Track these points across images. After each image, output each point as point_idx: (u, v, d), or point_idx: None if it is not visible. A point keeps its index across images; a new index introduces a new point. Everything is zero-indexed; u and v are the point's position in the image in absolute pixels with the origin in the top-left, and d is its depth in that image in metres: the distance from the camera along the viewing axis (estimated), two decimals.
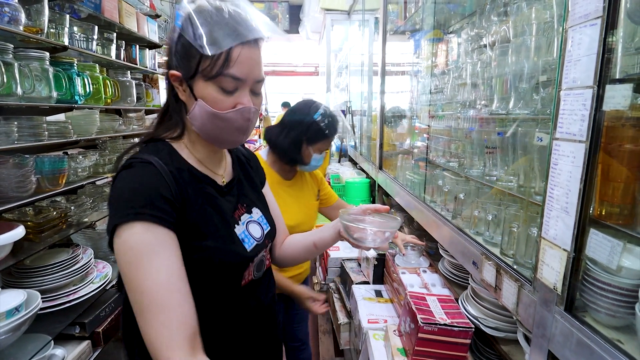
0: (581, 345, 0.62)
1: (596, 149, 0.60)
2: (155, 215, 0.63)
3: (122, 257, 0.62)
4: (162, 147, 0.73)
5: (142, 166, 0.67)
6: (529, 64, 0.98)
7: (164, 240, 0.63)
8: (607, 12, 0.58)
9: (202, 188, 0.74)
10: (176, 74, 0.70)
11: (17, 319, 1.02)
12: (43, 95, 1.34)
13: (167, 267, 0.62)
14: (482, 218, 1.10)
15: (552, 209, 0.69)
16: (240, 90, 0.69)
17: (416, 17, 1.92)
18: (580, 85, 0.62)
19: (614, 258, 0.57)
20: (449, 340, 1.02)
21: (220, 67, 0.65)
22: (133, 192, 0.64)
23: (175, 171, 0.70)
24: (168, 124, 0.76)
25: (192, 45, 0.65)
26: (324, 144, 1.37)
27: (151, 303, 0.60)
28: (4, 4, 1.11)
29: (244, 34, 0.65)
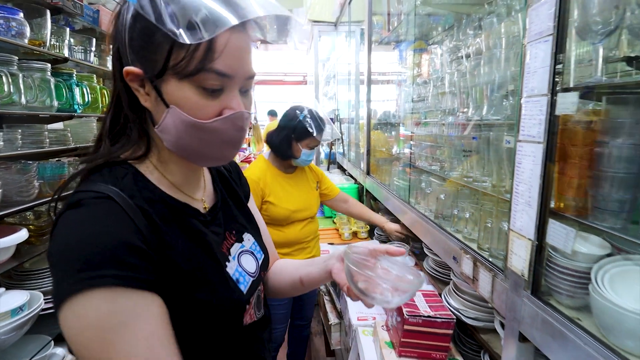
0: (546, 324, 0.69)
1: (552, 149, 0.69)
2: (121, 275, 0.44)
3: (75, 336, 0.43)
4: (124, 173, 0.53)
5: (96, 204, 0.47)
6: (499, 74, 1.08)
7: (135, 306, 0.45)
8: (557, 30, 0.67)
9: (183, 222, 0.56)
10: (135, 71, 0.50)
11: (21, 317, 1.05)
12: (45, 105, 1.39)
13: (145, 337, 0.45)
14: (462, 217, 1.18)
15: (518, 203, 0.77)
16: (228, 91, 0.51)
17: (399, 29, 2.02)
18: (538, 94, 0.70)
19: (569, 243, 0.65)
20: (432, 332, 1.09)
21: (202, 60, 0.47)
22: (86, 246, 0.44)
23: (146, 205, 0.51)
24: (125, 140, 0.56)
25: (157, 30, 0.46)
26: (311, 141, 1.60)
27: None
28: (11, 19, 1.16)
29: (235, 14, 0.46)
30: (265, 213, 1.61)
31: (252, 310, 0.67)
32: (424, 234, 1.37)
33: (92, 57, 1.78)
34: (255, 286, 0.67)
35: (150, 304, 0.47)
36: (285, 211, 1.62)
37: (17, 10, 1.23)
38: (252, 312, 0.66)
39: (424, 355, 1.10)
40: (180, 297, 0.52)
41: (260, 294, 0.71)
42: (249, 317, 0.65)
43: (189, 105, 0.50)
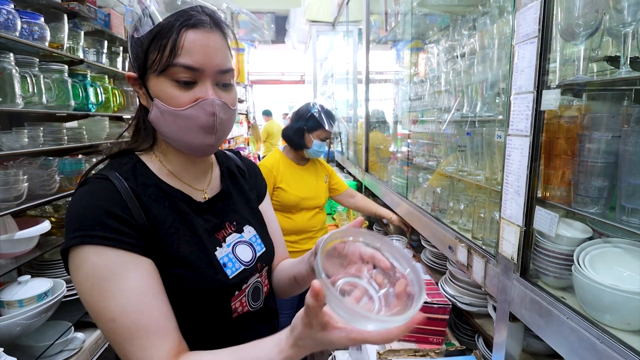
0: (533, 303, 0.75)
1: (538, 142, 0.75)
2: (106, 237, 0.54)
3: (80, 285, 0.55)
4: (127, 161, 0.64)
5: (96, 182, 0.59)
6: (492, 73, 1.14)
7: (124, 262, 0.55)
8: (541, 32, 0.73)
9: (173, 204, 0.64)
10: (131, 75, 0.62)
11: (46, 302, 1.11)
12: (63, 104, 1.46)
13: (135, 287, 0.54)
14: (457, 209, 1.24)
15: (508, 193, 0.83)
16: (200, 83, 0.59)
17: (397, 29, 2.08)
18: (525, 91, 0.76)
19: (553, 228, 0.71)
20: (430, 317, 1.15)
21: (168, 56, 0.57)
22: (82, 212, 0.56)
23: (138, 187, 0.61)
24: (137, 135, 0.68)
25: (139, 39, 0.58)
26: (322, 132, 1.76)
27: (125, 329, 0.53)
28: (33, 24, 1.22)
29: (192, 15, 0.57)
30: (276, 199, 1.74)
31: (245, 299, 0.69)
32: (422, 227, 1.43)
33: (104, 58, 1.85)
34: (246, 274, 0.69)
35: (140, 262, 0.57)
36: (295, 197, 1.75)
37: (39, 15, 1.30)
38: (243, 301, 0.69)
39: (422, 339, 1.16)
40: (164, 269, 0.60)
41: (260, 286, 0.73)
42: (240, 304, 0.68)
43: (165, 96, 0.59)
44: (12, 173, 1.19)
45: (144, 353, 0.53)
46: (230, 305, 0.67)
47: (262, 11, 6.44)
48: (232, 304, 0.67)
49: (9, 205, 1.19)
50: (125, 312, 0.54)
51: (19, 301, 1.10)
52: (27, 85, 1.26)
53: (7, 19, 1.18)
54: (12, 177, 1.17)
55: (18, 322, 1.06)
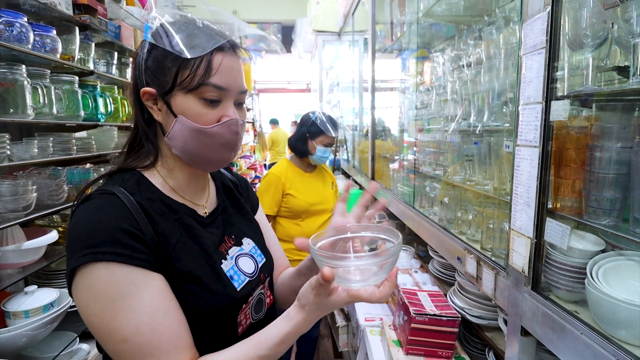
0: (546, 317, 0.74)
1: (548, 152, 0.74)
2: (119, 253, 0.53)
3: (88, 306, 0.53)
4: (129, 177, 0.64)
5: (102, 198, 0.58)
6: (499, 82, 1.13)
7: (136, 279, 0.54)
8: (549, 43, 0.72)
9: (180, 219, 0.64)
10: (150, 91, 0.62)
11: (52, 313, 1.11)
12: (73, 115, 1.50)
13: (147, 305, 0.53)
14: (465, 219, 1.23)
15: (518, 204, 0.82)
16: (225, 102, 0.62)
17: (402, 38, 2.09)
18: (533, 101, 0.76)
19: (564, 240, 0.69)
20: (438, 330, 1.13)
21: (202, 75, 0.59)
22: (91, 229, 0.54)
23: (145, 202, 0.60)
24: (139, 152, 0.67)
25: (167, 56, 0.59)
26: (325, 138, 1.83)
27: (137, 349, 0.52)
28: (45, 36, 1.25)
29: (223, 38, 0.61)
30: (286, 205, 1.78)
31: (250, 312, 0.70)
32: (429, 237, 1.42)
33: (113, 69, 1.89)
34: (252, 286, 0.70)
35: (150, 279, 0.56)
36: (304, 203, 1.79)
37: (51, 28, 1.33)
38: (248, 314, 0.69)
39: (430, 353, 1.14)
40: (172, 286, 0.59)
41: (263, 298, 0.74)
42: (244, 317, 0.68)
43: (193, 113, 0.61)
44: (21, 183, 1.21)
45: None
46: (237, 319, 0.67)
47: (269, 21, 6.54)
48: (238, 317, 0.67)
49: (17, 216, 1.20)
50: (138, 331, 0.53)
51: (25, 312, 1.10)
52: (38, 96, 1.30)
53: (20, 32, 1.21)
54: (21, 188, 1.19)
55: (24, 332, 1.06)
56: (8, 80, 1.23)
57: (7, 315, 1.16)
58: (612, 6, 0.68)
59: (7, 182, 1.22)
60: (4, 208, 1.20)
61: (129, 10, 2.15)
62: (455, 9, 1.55)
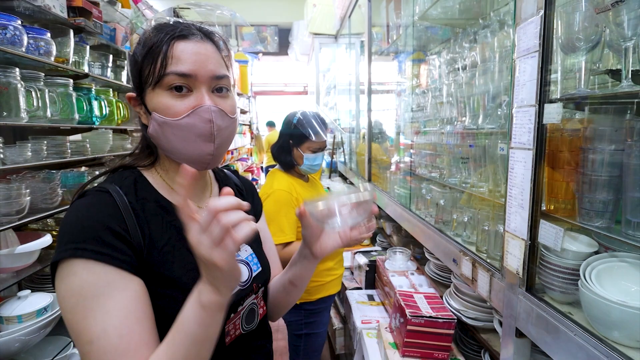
0: (540, 319, 0.74)
1: (541, 155, 0.75)
2: (100, 252, 0.52)
3: (64, 301, 0.52)
4: (128, 175, 0.64)
5: (95, 195, 0.58)
6: (493, 85, 1.14)
7: (113, 280, 0.52)
8: (542, 47, 0.73)
9: (172, 221, 0.62)
10: (131, 95, 0.63)
11: (45, 318, 1.10)
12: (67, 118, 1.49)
13: (119, 309, 0.51)
14: (460, 221, 1.23)
15: (512, 206, 0.82)
16: (196, 91, 0.59)
17: (398, 41, 2.10)
18: (527, 104, 0.76)
19: (558, 242, 0.70)
20: (434, 332, 1.13)
21: (160, 67, 0.57)
22: (77, 224, 0.54)
23: (137, 202, 0.60)
24: (142, 153, 0.68)
25: (135, 59, 0.59)
26: (311, 143, 1.53)
27: (101, 353, 0.49)
28: (39, 39, 1.25)
29: (183, 28, 0.59)
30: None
31: (239, 322, 0.68)
32: (425, 239, 1.42)
33: (108, 72, 1.88)
34: (241, 295, 0.67)
35: (128, 282, 0.54)
36: None
37: (45, 31, 1.33)
38: (237, 323, 0.67)
39: (426, 355, 1.14)
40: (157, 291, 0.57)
41: (256, 308, 0.72)
42: (233, 327, 0.66)
43: (162, 106, 0.59)
44: (14, 187, 1.20)
45: None
46: (224, 329, 0.64)
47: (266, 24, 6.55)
48: (226, 327, 0.65)
49: (10, 220, 1.19)
50: (105, 334, 0.50)
51: (19, 317, 1.09)
52: (32, 99, 1.29)
53: (14, 35, 1.21)
54: (15, 192, 1.18)
55: (17, 338, 1.05)
56: (1, 84, 1.22)
57: (1, 320, 1.15)
58: (603, 10, 0.69)
59: (0, 186, 1.21)
60: None
61: (124, 13, 2.14)
62: (450, 12, 1.56)
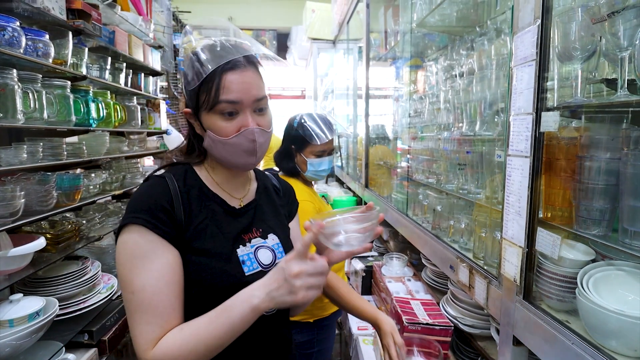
0: (537, 327, 0.74)
1: (539, 163, 0.75)
2: (150, 221, 0.67)
3: (119, 256, 0.68)
4: (181, 168, 0.79)
5: (155, 179, 0.75)
6: (490, 92, 1.15)
7: (156, 247, 0.67)
8: (539, 56, 0.74)
9: (209, 205, 0.76)
10: (187, 111, 0.77)
11: (37, 322, 1.08)
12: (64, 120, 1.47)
13: (156, 271, 0.66)
14: (458, 227, 1.23)
15: (509, 213, 0.82)
16: (242, 113, 0.72)
17: (396, 47, 2.12)
18: (524, 112, 0.77)
19: (555, 250, 0.70)
20: (431, 339, 1.12)
21: (214, 96, 0.70)
22: (138, 200, 0.70)
23: (185, 188, 0.74)
24: (192, 154, 0.82)
25: (190, 83, 0.72)
26: (315, 147, 1.42)
27: (138, 303, 0.65)
28: (37, 41, 1.24)
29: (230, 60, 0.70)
30: None
31: None
32: (422, 245, 1.42)
33: (106, 74, 1.87)
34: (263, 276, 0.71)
35: (166, 251, 0.68)
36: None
37: (44, 33, 1.32)
38: None
39: None
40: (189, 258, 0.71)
41: None
42: None
43: (216, 128, 0.72)
44: (9, 189, 1.19)
45: (141, 327, 0.65)
46: None
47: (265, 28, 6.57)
48: None
49: (4, 222, 1.17)
50: (143, 289, 0.65)
51: (10, 321, 1.07)
52: (28, 100, 1.28)
53: (12, 37, 1.20)
54: (9, 194, 1.17)
55: (8, 342, 1.03)
56: None
57: None
58: (600, 21, 0.70)
59: None
60: None
61: (123, 16, 2.14)
62: (448, 20, 1.58)
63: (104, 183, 1.85)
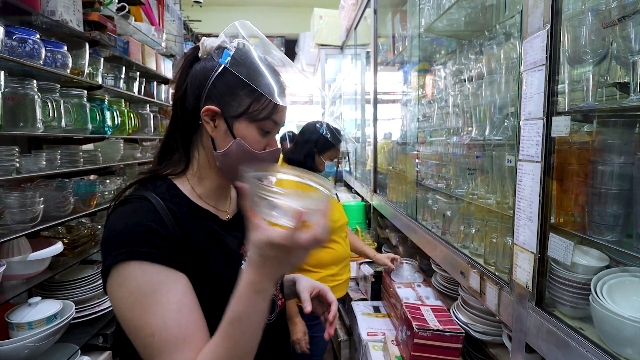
0: (550, 334, 0.73)
1: (550, 168, 0.74)
2: (152, 253, 0.59)
3: (121, 301, 0.58)
4: (161, 183, 0.69)
5: (136, 202, 0.64)
6: (500, 97, 1.14)
7: (166, 278, 0.59)
8: (549, 60, 0.73)
9: (204, 223, 0.70)
10: (213, 108, 0.68)
11: (55, 325, 1.11)
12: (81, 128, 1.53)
13: (174, 302, 0.58)
14: (468, 232, 1.22)
15: (520, 219, 0.82)
16: (273, 133, 0.72)
17: (404, 52, 2.12)
18: (534, 117, 0.77)
19: (568, 256, 0.69)
20: (442, 345, 1.12)
21: (269, 112, 0.68)
22: (126, 230, 0.60)
23: (174, 207, 0.66)
24: (171, 160, 0.73)
25: (242, 86, 0.66)
26: (333, 152, 1.69)
27: (164, 343, 0.56)
28: (56, 52, 1.30)
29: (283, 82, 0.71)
30: None
31: None
32: (431, 251, 1.41)
33: (121, 83, 1.93)
34: None
35: (176, 278, 0.61)
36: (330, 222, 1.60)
37: (62, 44, 1.38)
38: None
39: None
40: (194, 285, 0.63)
41: (275, 300, 0.80)
42: None
43: (251, 140, 0.69)
44: (29, 195, 1.23)
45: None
46: None
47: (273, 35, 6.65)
48: None
49: (24, 227, 1.22)
50: (165, 326, 0.56)
51: (29, 323, 1.10)
52: (48, 110, 1.33)
53: (33, 49, 1.25)
54: (29, 199, 1.21)
55: (27, 344, 1.06)
56: (19, 95, 1.26)
57: (11, 326, 1.16)
58: (610, 25, 0.69)
59: (15, 194, 1.23)
60: (12, 219, 1.22)
61: (137, 26, 2.20)
62: (456, 25, 1.58)
63: (118, 189, 1.90)
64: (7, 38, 1.21)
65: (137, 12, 2.42)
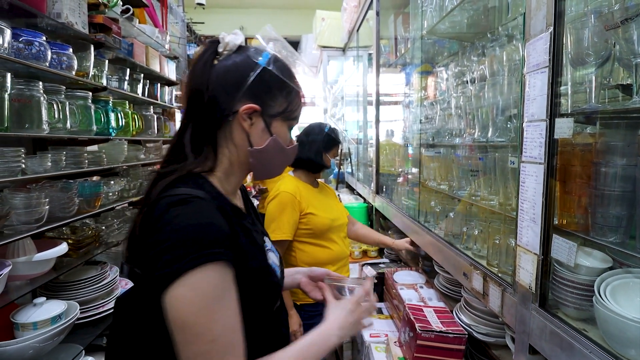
0: (554, 335, 0.73)
1: (553, 169, 0.75)
2: (224, 253, 0.58)
3: (190, 306, 0.55)
4: (202, 182, 0.67)
5: (195, 202, 0.60)
6: (502, 98, 1.15)
7: (230, 279, 0.59)
8: (552, 63, 0.74)
9: (241, 222, 0.70)
10: (254, 107, 0.68)
11: (60, 325, 1.12)
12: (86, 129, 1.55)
13: (233, 308, 0.59)
14: (471, 234, 1.23)
15: (524, 220, 0.82)
16: (292, 131, 0.77)
17: (406, 54, 2.13)
18: (537, 119, 0.77)
19: (571, 257, 0.69)
20: (445, 347, 1.12)
21: (297, 111, 0.75)
22: (201, 231, 0.57)
23: (222, 206, 0.65)
24: (200, 157, 0.70)
25: (281, 87, 0.71)
26: (336, 150, 1.84)
27: (221, 349, 0.56)
28: (62, 54, 1.31)
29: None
30: (307, 226, 1.61)
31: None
32: (434, 252, 1.41)
33: (125, 85, 1.95)
34: (282, 275, 0.81)
35: (233, 279, 0.60)
36: (327, 220, 1.64)
37: (67, 46, 1.39)
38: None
39: None
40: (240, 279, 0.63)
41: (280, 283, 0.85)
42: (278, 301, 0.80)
43: (283, 136, 0.74)
44: (34, 196, 1.24)
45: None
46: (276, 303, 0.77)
47: None
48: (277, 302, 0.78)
49: (29, 228, 1.23)
50: (224, 331, 0.56)
51: (34, 323, 1.11)
52: (53, 111, 1.35)
53: (39, 51, 1.26)
54: (35, 200, 1.22)
55: (31, 345, 1.07)
56: (25, 97, 1.27)
57: (16, 327, 1.17)
58: (613, 27, 0.70)
59: (21, 195, 1.25)
60: (17, 220, 1.23)
61: (141, 28, 2.22)
62: (458, 27, 1.58)
63: (122, 190, 1.91)
64: (14, 40, 1.22)
65: (141, 14, 2.44)
